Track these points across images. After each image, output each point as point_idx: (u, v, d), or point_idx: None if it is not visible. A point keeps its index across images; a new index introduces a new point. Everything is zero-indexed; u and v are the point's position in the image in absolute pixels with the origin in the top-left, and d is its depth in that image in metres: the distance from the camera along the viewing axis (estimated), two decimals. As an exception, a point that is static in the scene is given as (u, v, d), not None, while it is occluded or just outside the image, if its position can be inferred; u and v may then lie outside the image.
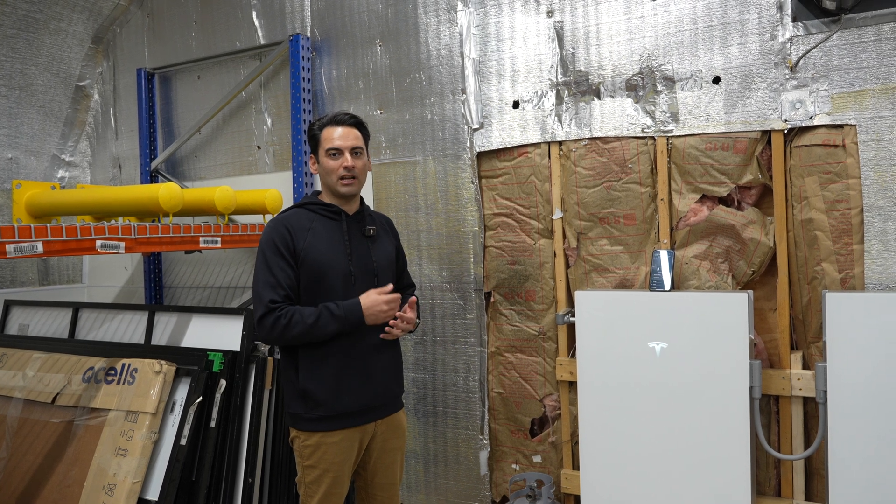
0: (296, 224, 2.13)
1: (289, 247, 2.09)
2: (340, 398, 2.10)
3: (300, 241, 2.10)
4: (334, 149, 2.15)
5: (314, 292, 2.11)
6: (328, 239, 2.14)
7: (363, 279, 2.17)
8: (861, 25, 2.34)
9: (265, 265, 2.08)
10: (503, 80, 2.93)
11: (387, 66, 3.22)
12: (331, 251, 2.13)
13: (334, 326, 2.05)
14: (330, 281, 2.11)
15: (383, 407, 2.22)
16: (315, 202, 2.21)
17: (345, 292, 2.12)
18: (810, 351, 2.47)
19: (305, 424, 2.12)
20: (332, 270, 2.11)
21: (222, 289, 3.75)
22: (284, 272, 2.07)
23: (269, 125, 3.59)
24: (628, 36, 2.69)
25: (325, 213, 2.18)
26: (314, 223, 2.15)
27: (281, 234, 2.10)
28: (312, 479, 2.13)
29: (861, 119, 2.35)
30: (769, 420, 2.55)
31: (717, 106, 2.55)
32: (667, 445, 2.46)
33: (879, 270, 2.35)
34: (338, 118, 2.18)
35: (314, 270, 2.10)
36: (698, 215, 2.58)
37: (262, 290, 2.06)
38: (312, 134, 2.21)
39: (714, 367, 2.39)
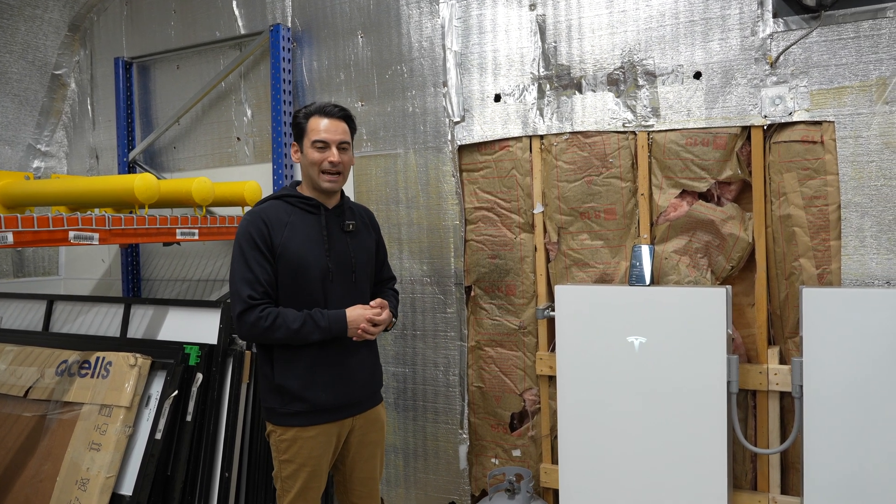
0: (273, 217, 2.08)
1: (266, 241, 2.04)
2: (316, 394, 2.08)
3: (277, 235, 2.06)
4: (321, 141, 2.09)
5: (291, 287, 2.08)
6: (306, 234, 2.10)
7: (341, 275, 2.14)
8: (840, 22, 2.35)
9: (242, 259, 2.04)
10: (485, 73, 2.91)
11: (368, 57, 3.19)
12: (309, 246, 2.09)
13: (317, 336, 2.04)
14: (307, 277, 2.08)
15: (361, 402, 2.21)
16: (294, 194, 2.15)
17: (322, 288, 2.10)
18: (787, 346, 2.49)
19: (281, 419, 2.10)
20: (309, 266, 2.08)
21: (201, 281, 3.71)
22: (262, 267, 2.03)
23: (248, 116, 3.54)
24: (610, 30, 2.69)
25: (303, 206, 2.14)
26: (292, 217, 2.11)
27: (258, 228, 2.05)
28: (289, 473, 2.11)
29: (839, 116, 2.36)
30: (746, 414, 2.57)
31: (698, 101, 2.55)
32: (645, 439, 2.47)
33: (856, 266, 2.36)
34: (326, 109, 2.12)
35: (291, 266, 2.06)
36: (678, 210, 2.59)
37: (239, 285, 2.02)
38: (297, 122, 2.14)
39: (692, 361, 2.40)
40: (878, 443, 2.18)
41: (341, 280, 2.14)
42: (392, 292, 2.42)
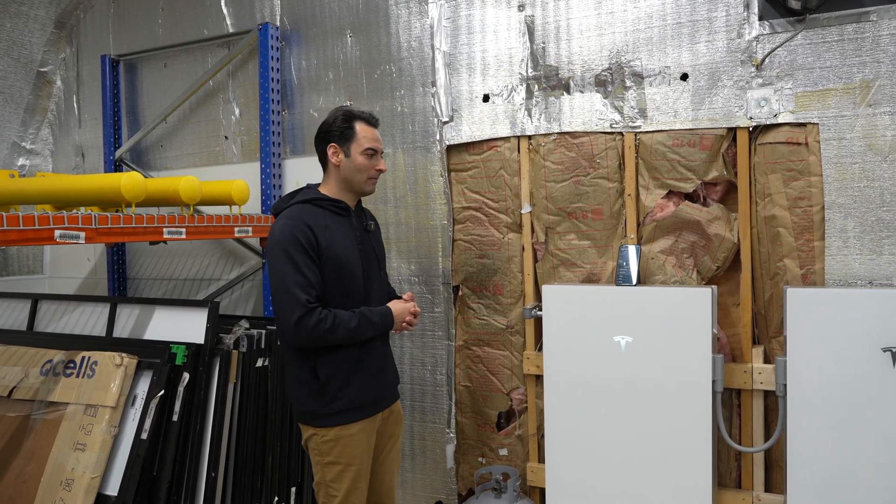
0: (313, 222, 2.11)
1: (312, 244, 2.08)
2: (356, 390, 2.14)
3: (323, 238, 2.11)
4: (372, 149, 2.19)
5: (338, 288, 2.13)
6: (343, 235, 2.17)
7: (371, 272, 2.25)
8: (825, 25, 2.37)
9: (292, 265, 2.04)
10: (473, 74, 2.92)
11: (357, 57, 3.19)
12: (347, 247, 2.17)
13: (371, 332, 2.14)
14: (351, 276, 2.16)
15: (387, 396, 2.29)
16: (322, 198, 2.19)
17: (364, 286, 2.20)
18: (772, 345, 2.51)
19: (322, 420, 2.12)
20: (350, 266, 2.16)
21: (188, 280, 3.70)
22: (312, 270, 2.06)
23: (237, 115, 3.53)
24: (598, 31, 2.70)
25: (335, 209, 2.20)
26: (327, 219, 2.16)
27: (304, 232, 2.07)
28: (334, 475, 2.13)
29: (823, 118, 2.38)
30: (731, 413, 2.59)
31: (685, 102, 2.57)
32: (630, 438, 2.49)
33: (839, 267, 2.39)
34: (373, 119, 2.23)
35: (338, 267, 2.12)
36: (665, 211, 2.61)
37: (295, 290, 2.02)
38: (347, 125, 2.17)
39: (678, 360, 2.42)
40: (861, 441, 2.21)
41: (372, 277, 2.26)
42: (393, 289, 2.51)
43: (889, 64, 2.29)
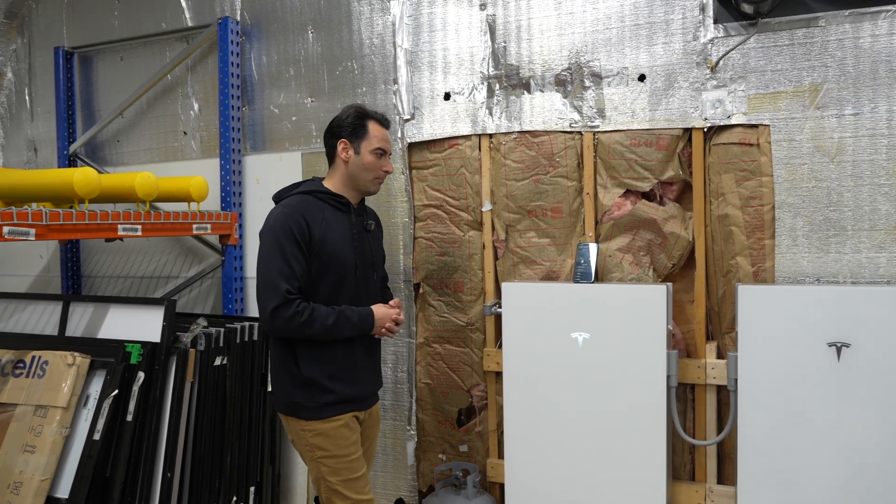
0: (310, 213, 2.10)
1: (305, 236, 2.06)
2: (342, 384, 2.13)
3: (317, 230, 2.09)
4: (382, 149, 2.20)
5: (322, 281, 2.11)
6: (339, 231, 2.15)
7: (364, 272, 2.22)
8: (776, 30, 2.44)
9: (279, 253, 2.04)
10: (435, 72, 2.93)
11: (318, 53, 3.17)
12: (341, 243, 2.14)
13: (348, 332, 2.11)
14: (342, 272, 2.14)
15: (370, 396, 2.28)
16: (323, 190, 2.18)
17: (351, 283, 2.16)
18: (725, 341, 2.57)
19: (308, 413, 2.11)
20: (342, 262, 2.14)
21: (145, 278, 3.63)
22: (299, 262, 2.05)
23: (196, 110, 3.48)
24: (558, 31, 2.73)
25: (335, 203, 2.18)
26: (325, 213, 2.14)
27: (297, 222, 2.06)
28: (330, 468, 2.12)
29: (774, 120, 2.45)
30: (685, 407, 2.64)
31: (642, 103, 2.61)
32: (588, 433, 2.52)
33: (789, 264, 2.46)
34: (385, 121, 2.24)
35: (327, 262, 2.11)
36: (622, 209, 2.65)
37: (276, 279, 2.02)
38: (360, 122, 2.18)
39: (634, 356, 2.46)
40: (808, 433, 2.28)
41: (367, 277, 2.23)
42: (389, 292, 2.49)
43: (836, 68, 2.37)
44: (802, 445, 2.29)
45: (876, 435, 2.20)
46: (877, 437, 2.20)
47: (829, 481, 2.26)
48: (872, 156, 2.34)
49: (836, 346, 2.24)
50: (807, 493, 2.28)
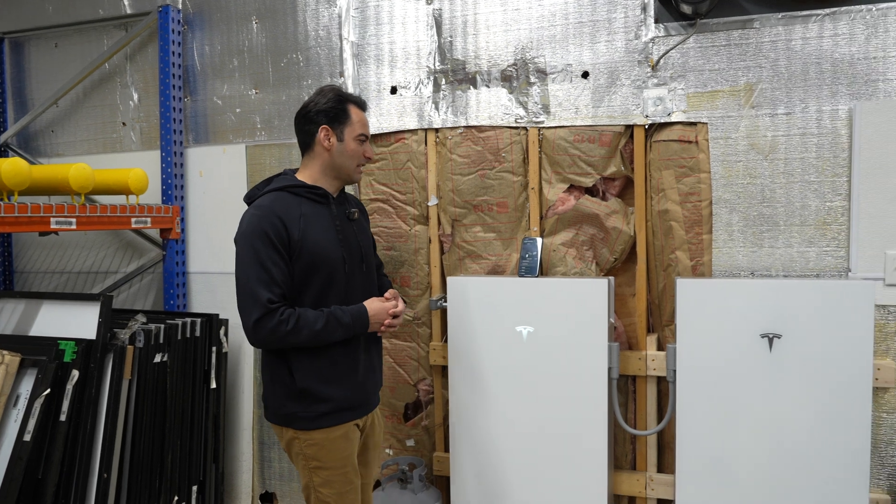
0: (286, 212, 1.96)
1: (282, 239, 1.93)
2: (339, 392, 2.02)
3: (294, 230, 1.95)
4: (365, 136, 2.10)
5: (312, 284, 1.99)
6: (320, 226, 2.02)
7: (354, 265, 2.09)
8: (714, 30, 2.50)
9: (256, 260, 1.91)
10: (381, 65, 2.91)
11: (263, 44, 3.11)
12: (325, 239, 2.01)
13: (340, 334, 1.98)
14: (328, 270, 2.01)
15: (371, 402, 2.16)
16: (297, 184, 2.04)
17: (343, 281, 2.04)
18: (665, 333, 2.64)
19: (305, 423, 2.00)
20: (328, 259, 2.00)
21: (82, 274, 3.51)
22: (278, 267, 1.92)
23: (135, 100, 3.38)
24: (504, 27, 2.74)
25: (312, 196, 2.04)
26: (303, 208, 2.00)
27: (273, 225, 1.92)
28: (322, 480, 2.01)
29: (712, 118, 2.52)
30: (627, 399, 2.70)
31: (586, 100, 2.65)
32: (531, 425, 2.55)
33: (725, 259, 2.53)
34: (363, 104, 2.14)
35: (312, 261, 1.97)
36: (566, 204, 2.69)
37: (256, 287, 1.89)
38: (341, 107, 2.05)
39: (576, 349, 2.50)
40: (742, 422, 2.36)
41: (355, 270, 2.09)
42: (387, 280, 2.39)
43: (770, 69, 2.45)
44: (737, 433, 2.36)
45: (803, 420, 2.29)
46: (804, 422, 2.29)
47: (761, 466, 2.34)
48: (803, 154, 2.43)
49: (769, 338, 2.33)
50: (741, 478, 2.36)
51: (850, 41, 2.36)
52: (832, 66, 2.38)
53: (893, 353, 2.38)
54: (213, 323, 2.98)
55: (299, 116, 2.10)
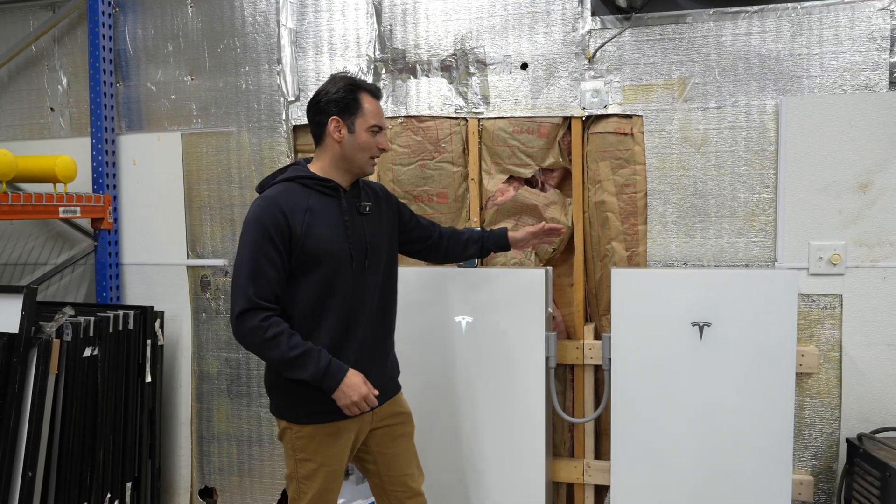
0: (291, 204, 1.89)
1: (283, 233, 1.86)
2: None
3: (298, 224, 1.88)
4: (378, 126, 1.98)
5: (311, 277, 1.91)
6: (327, 220, 1.93)
7: (361, 262, 1.99)
8: (649, 24, 2.55)
9: (251, 254, 1.84)
10: (321, 53, 2.87)
11: (199, 29, 3.03)
12: (331, 233, 1.93)
13: (307, 375, 1.85)
14: (329, 266, 1.92)
15: (381, 395, 2.05)
16: (309, 176, 1.96)
17: (345, 278, 1.94)
18: (602, 323, 2.68)
19: (297, 416, 1.94)
20: (332, 255, 1.92)
21: (9, 265, 3.37)
22: (273, 264, 1.85)
23: (64, 85, 3.25)
24: (444, 17, 2.73)
25: (322, 189, 1.96)
26: (311, 201, 1.92)
27: (274, 218, 1.85)
28: (307, 473, 1.95)
29: (647, 111, 2.56)
30: (565, 387, 2.74)
31: (525, 91, 2.67)
32: (470, 414, 2.57)
33: (659, 249, 2.59)
34: (378, 91, 2.02)
35: (313, 257, 1.90)
36: (505, 195, 2.70)
37: (244, 282, 1.83)
38: (352, 97, 1.94)
39: (515, 339, 2.52)
40: (675, 408, 2.42)
41: (367, 269, 2.00)
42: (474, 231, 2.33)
43: (702, 63, 2.50)
44: (669, 418, 2.42)
45: (732, 405, 2.37)
46: (732, 406, 2.37)
47: (692, 449, 2.41)
48: (733, 147, 2.50)
49: (699, 326, 2.39)
50: (673, 462, 2.42)
51: (776, 38, 2.43)
52: (760, 62, 2.45)
53: (817, 340, 2.48)
54: (148, 315, 2.90)
55: (310, 106, 2.02)
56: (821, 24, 2.40)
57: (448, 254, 2.31)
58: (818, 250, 2.44)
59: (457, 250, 2.31)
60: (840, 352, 2.45)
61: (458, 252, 2.31)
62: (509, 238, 2.32)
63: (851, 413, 2.46)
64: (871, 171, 2.39)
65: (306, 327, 1.91)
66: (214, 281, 3.05)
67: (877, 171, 2.38)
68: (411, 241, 2.25)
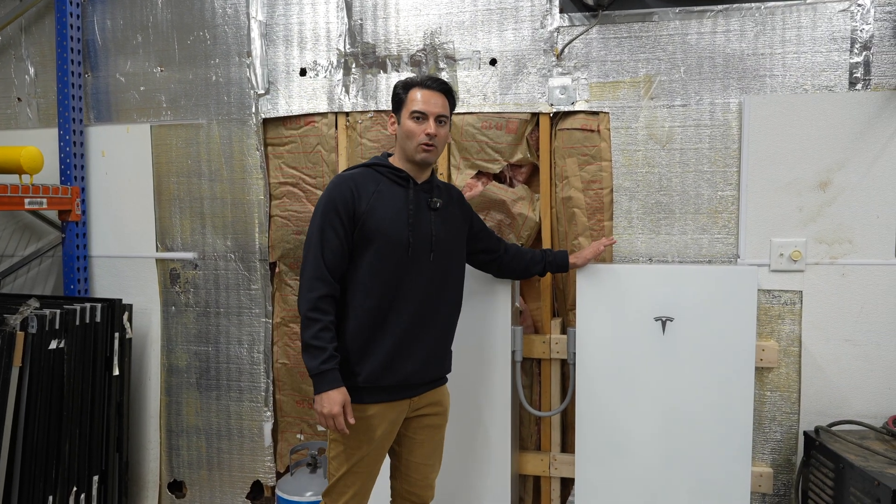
0: (361, 184, 2.03)
1: (349, 209, 1.99)
2: (379, 369, 2.00)
3: (363, 202, 2.00)
4: (419, 112, 2.03)
5: (365, 254, 2.01)
6: (392, 206, 2.03)
7: (421, 252, 2.05)
8: (616, 22, 2.57)
9: (320, 228, 1.99)
10: (291, 46, 2.86)
11: (168, 20, 3.00)
12: (392, 218, 2.02)
13: (309, 365, 1.93)
14: (385, 247, 2.00)
15: (427, 382, 2.13)
16: (384, 164, 2.09)
17: (402, 264, 2.02)
18: (569, 317, 2.71)
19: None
20: (389, 237, 2.00)
21: (-25, 257, 3.33)
22: (336, 233, 1.98)
23: (31, 75, 3.21)
24: (415, 12, 2.74)
25: (393, 177, 2.06)
26: (381, 186, 2.04)
27: (342, 194, 1.99)
28: (336, 454, 2.04)
29: (613, 108, 2.59)
30: (532, 381, 2.77)
31: (493, 87, 2.68)
32: (437, 408, 2.59)
33: (625, 245, 2.62)
34: (427, 82, 2.06)
35: (372, 234, 2.00)
36: (474, 190, 2.72)
37: (314, 249, 1.98)
38: (396, 93, 2.09)
39: (481, 333, 2.55)
40: (637, 400, 2.45)
41: (421, 259, 2.05)
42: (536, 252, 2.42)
43: (667, 61, 2.53)
44: (632, 412, 2.46)
45: (693, 399, 2.41)
46: (694, 400, 2.41)
47: (654, 442, 2.45)
48: (697, 144, 2.53)
49: (662, 321, 2.42)
50: (636, 455, 2.46)
51: (740, 37, 2.47)
52: (724, 61, 2.49)
53: (778, 335, 2.52)
54: (116, 308, 2.89)
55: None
56: (783, 25, 2.44)
57: (511, 269, 2.40)
58: (779, 247, 2.48)
59: (519, 268, 2.40)
60: (800, 346, 2.50)
61: (521, 270, 2.41)
62: (570, 262, 2.44)
63: (810, 406, 2.51)
64: (830, 169, 2.43)
65: (359, 301, 2.01)
66: (184, 274, 3.04)
67: (836, 169, 2.43)
68: (478, 251, 2.33)
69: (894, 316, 2.44)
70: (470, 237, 2.27)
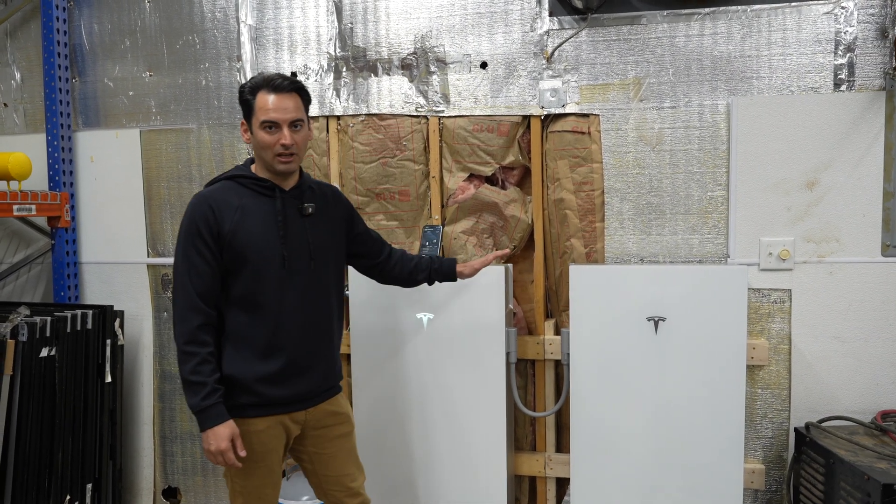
0: (223, 202, 1.88)
1: (212, 230, 1.85)
2: (266, 386, 1.91)
3: (226, 221, 1.87)
4: (270, 122, 1.87)
5: (238, 276, 1.89)
6: (259, 220, 1.90)
7: (299, 263, 1.95)
8: (605, 25, 2.59)
9: (184, 254, 1.86)
10: (281, 50, 2.86)
11: (157, 24, 2.99)
12: (262, 233, 1.90)
13: (190, 402, 1.84)
14: (258, 268, 1.89)
15: (316, 395, 2.04)
16: (246, 175, 1.94)
17: (277, 280, 1.91)
18: (562, 318, 2.73)
19: (230, 410, 1.89)
20: (261, 256, 1.89)
21: (-38, 265, 3.30)
22: (204, 258, 1.85)
23: (18, 80, 3.18)
24: (405, 15, 2.75)
25: (256, 188, 1.93)
26: (244, 200, 1.90)
27: (203, 215, 1.85)
28: (237, 469, 1.92)
29: (604, 110, 2.61)
30: (526, 382, 2.79)
31: (484, 90, 2.70)
32: (432, 409, 2.60)
33: (616, 246, 2.65)
34: (275, 82, 1.88)
35: (241, 256, 1.87)
36: (466, 193, 2.73)
37: (182, 278, 1.86)
38: (244, 98, 1.91)
39: (475, 335, 2.56)
40: (631, 400, 2.48)
41: (299, 269, 1.95)
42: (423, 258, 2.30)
43: (656, 64, 2.56)
44: (625, 411, 2.48)
45: (686, 397, 2.44)
46: (686, 399, 2.44)
47: (648, 441, 2.47)
48: (686, 146, 2.56)
49: (654, 321, 2.45)
50: (630, 454, 2.48)
51: (728, 40, 2.50)
52: (712, 63, 2.52)
53: (768, 334, 2.56)
54: (107, 315, 2.87)
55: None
56: (769, 27, 2.47)
57: (395, 276, 2.27)
58: (768, 246, 2.52)
59: (403, 274, 2.27)
60: (789, 344, 2.54)
61: (405, 277, 2.28)
62: (457, 271, 2.31)
63: (800, 403, 2.55)
64: (817, 169, 2.47)
65: (239, 325, 1.91)
66: (175, 279, 3.02)
67: (823, 169, 2.47)
68: (359, 255, 2.22)
69: (881, 313, 2.48)
70: (350, 239, 2.16)
